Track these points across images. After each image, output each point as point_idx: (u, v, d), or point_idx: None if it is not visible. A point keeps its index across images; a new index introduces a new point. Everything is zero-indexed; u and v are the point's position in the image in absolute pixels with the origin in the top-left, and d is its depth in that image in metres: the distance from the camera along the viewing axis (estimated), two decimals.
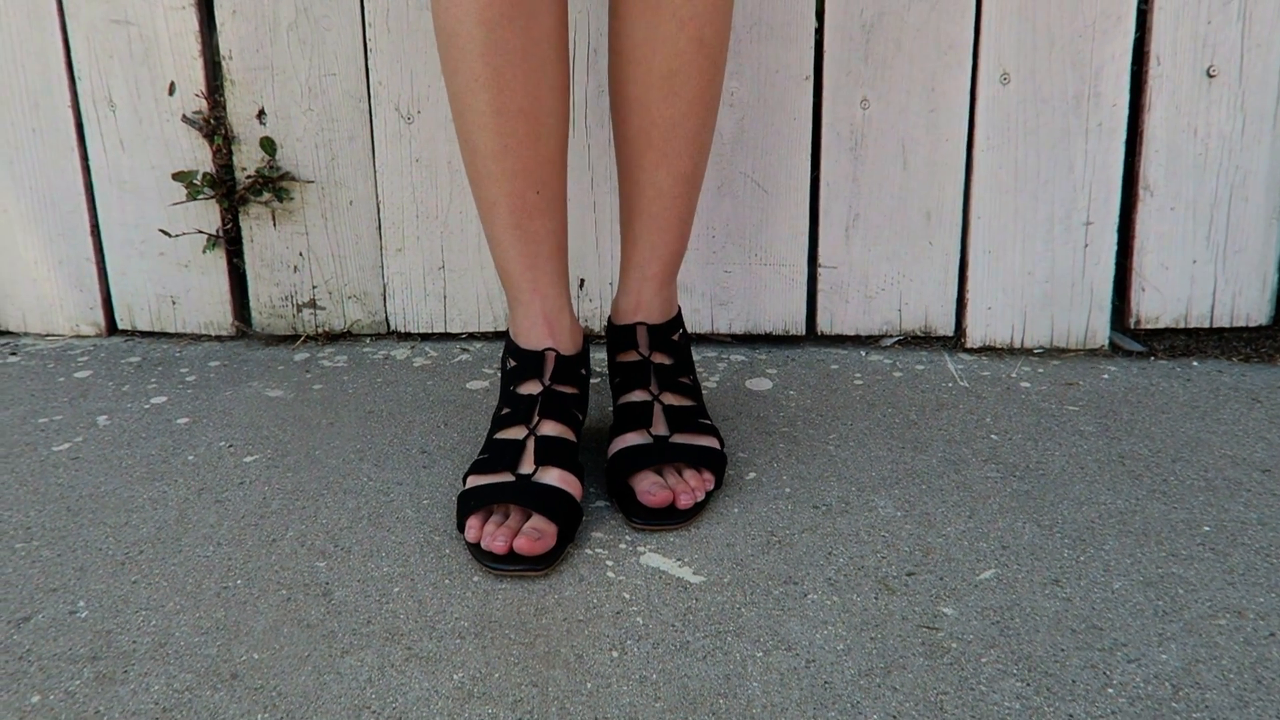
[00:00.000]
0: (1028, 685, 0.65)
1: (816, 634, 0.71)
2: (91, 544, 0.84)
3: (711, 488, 0.86)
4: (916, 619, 0.72)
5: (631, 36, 0.85)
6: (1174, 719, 0.62)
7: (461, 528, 0.81)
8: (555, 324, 0.89)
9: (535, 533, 0.77)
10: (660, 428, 0.88)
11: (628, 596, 0.75)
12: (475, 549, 0.79)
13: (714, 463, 0.87)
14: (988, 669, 0.67)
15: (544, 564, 0.77)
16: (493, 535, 0.77)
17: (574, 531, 0.81)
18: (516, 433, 0.85)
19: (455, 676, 0.67)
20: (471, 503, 0.81)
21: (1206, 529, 0.82)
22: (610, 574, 0.78)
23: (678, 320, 0.95)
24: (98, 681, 0.68)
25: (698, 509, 0.84)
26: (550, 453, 0.84)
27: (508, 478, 0.82)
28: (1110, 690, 0.65)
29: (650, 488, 0.83)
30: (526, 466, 0.83)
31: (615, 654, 0.69)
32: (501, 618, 0.73)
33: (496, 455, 0.84)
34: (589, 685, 0.66)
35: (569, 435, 0.86)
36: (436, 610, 0.74)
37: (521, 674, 0.67)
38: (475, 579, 0.78)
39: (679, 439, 0.88)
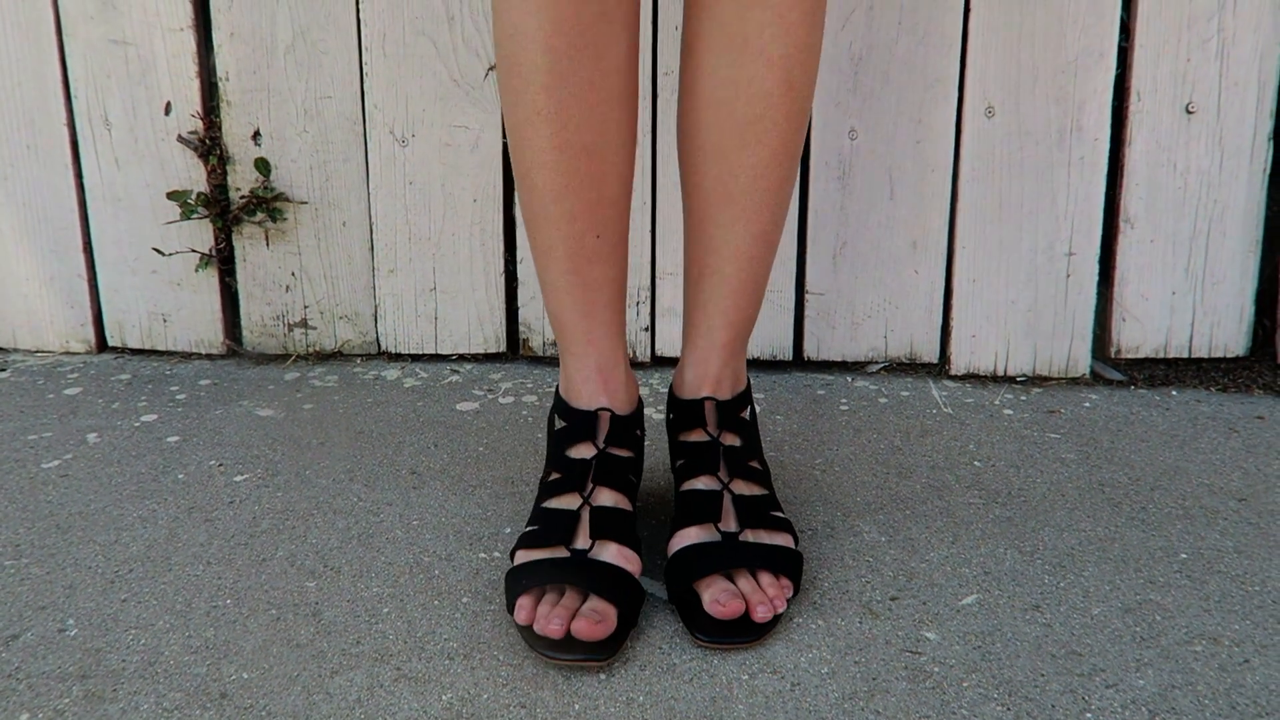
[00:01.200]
0: (1008, 710, 0.66)
1: (801, 657, 0.72)
2: (81, 562, 0.84)
3: (790, 595, 0.75)
4: (900, 643, 0.73)
5: (712, 77, 0.76)
6: None
7: (511, 608, 0.73)
8: (610, 379, 0.82)
9: (595, 615, 0.70)
10: (730, 523, 0.78)
11: None
12: (528, 633, 0.71)
13: (791, 566, 0.76)
14: (969, 693, 0.68)
15: (605, 652, 0.69)
16: (548, 618, 0.70)
17: (636, 614, 0.73)
18: (569, 501, 0.78)
19: (444, 697, 0.68)
20: (523, 581, 0.73)
21: (1184, 556, 0.84)
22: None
23: (747, 394, 0.86)
24: (87, 700, 0.68)
25: (775, 622, 0.73)
26: (607, 525, 0.76)
27: (562, 553, 0.75)
28: (1089, 715, 0.66)
29: (720, 596, 0.72)
30: (582, 541, 0.75)
31: (603, 676, 0.70)
32: (490, 639, 0.74)
33: (548, 527, 0.77)
34: (577, 706, 0.67)
35: (625, 504, 0.79)
36: (426, 631, 0.75)
37: (510, 695, 0.68)
38: (464, 600, 0.79)
39: (750, 536, 0.78)
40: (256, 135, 1.23)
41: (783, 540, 0.79)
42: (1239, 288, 1.18)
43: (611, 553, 0.75)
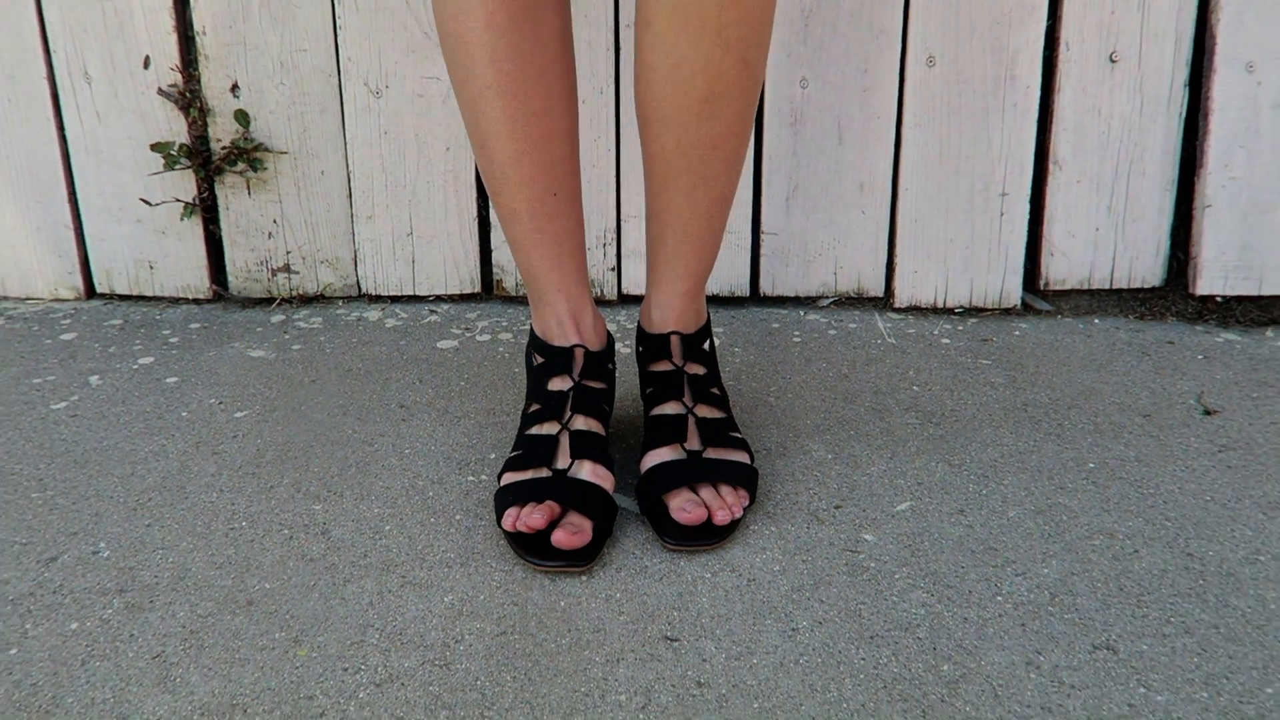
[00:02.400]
0: (932, 595, 0.78)
1: (756, 558, 0.82)
2: (103, 493, 0.92)
3: (746, 504, 0.85)
4: (842, 544, 0.84)
5: (670, 55, 0.78)
6: (1049, 619, 0.75)
7: (500, 521, 0.82)
8: (581, 321, 0.91)
9: (573, 527, 0.79)
10: (694, 442, 0.87)
11: None
12: (516, 541, 0.81)
13: (748, 479, 0.86)
14: (900, 583, 0.79)
15: (584, 559, 0.79)
16: (530, 512, 0.79)
17: (611, 526, 0.82)
18: (549, 428, 0.87)
19: (446, 599, 0.78)
20: (510, 497, 0.83)
21: (1091, 466, 0.95)
22: None
23: (707, 328, 0.94)
24: (128, 610, 0.77)
25: (733, 526, 0.83)
26: (584, 447, 0.85)
27: (544, 473, 0.84)
28: (999, 598, 0.77)
29: (686, 505, 0.82)
30: (562, 461, 0.84)
31: (584, 578, 0.80)
32: (483, 549, 0.84)
33: (531, 451, 0.85)
34: (562, 603, 0.77)
35: (600, 429, 0.88)
36: (425, 544, 0.84)
37: (503, 595, 0.78)
38: (458, 517, 0.88)
39: (712, 453, 0.87)
40: (235, 88, 1.28)
41: (740, 457, 0.88)
42: (1156, 224, 1.29)
43: (587, 471, 0.85)
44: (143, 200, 1.31)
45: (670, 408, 0.90)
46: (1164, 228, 1.29)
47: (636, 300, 1.34)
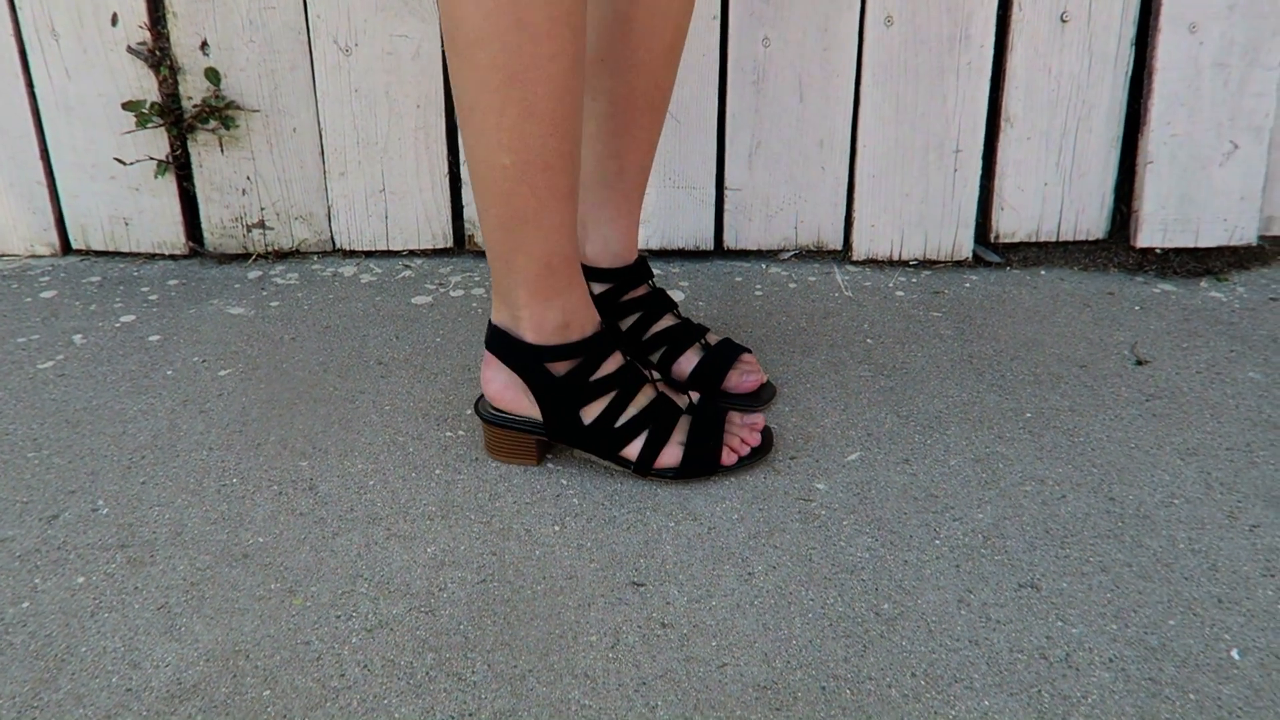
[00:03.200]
0: (876, 540, 0.85)
1: (716, 507, 0.89)
2: (97, 452, 0.97)
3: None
4: (795, 493, 0.91)
5: (650, 9, 0.91)
6: (981, 560, 0.82)
7: (720, 465, 0.92)
8: (587, 293, 0.92)
9: (756, 427, 0.95)
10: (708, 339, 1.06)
11: (565, 483, 0.92)
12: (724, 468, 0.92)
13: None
14: (847, 529, 0.86)
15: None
16: (738, 447, 0.93)
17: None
18: (646, 396, 0.92)
19: (429, 550, 0.84)
20: (707, 444, 0.91)
21: (1029, 415, 1.02)
22: (550, 465, 0.94)
23: None
24: (130, 565, 0.82)
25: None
26: (674, 384, 1.01)
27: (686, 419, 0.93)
28: (937, 542, 0.85)
29: (748, 373, 1.03)
30: (682, 401, 0.95)
31: (557, 528, 0.86)
32: (463, 502, 0.89)
33: (661, 423, 0.91)
34: (537, 552, 0.84)
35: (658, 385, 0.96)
36: (408, 498, 0.90)
37: (483, 546, 0.84)
38: (438, 471, 0.94)
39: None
40: (204, 45, 1.29)
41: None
42: (1101, 179, 1.35)
43: (691, 397, 0.98)
44: (117, 159, 1.32)
45: (669, 320, 1.05)
46: (1109, 183, 1.35)
47: None
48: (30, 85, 1.32)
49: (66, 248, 1.40)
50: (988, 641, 0.75)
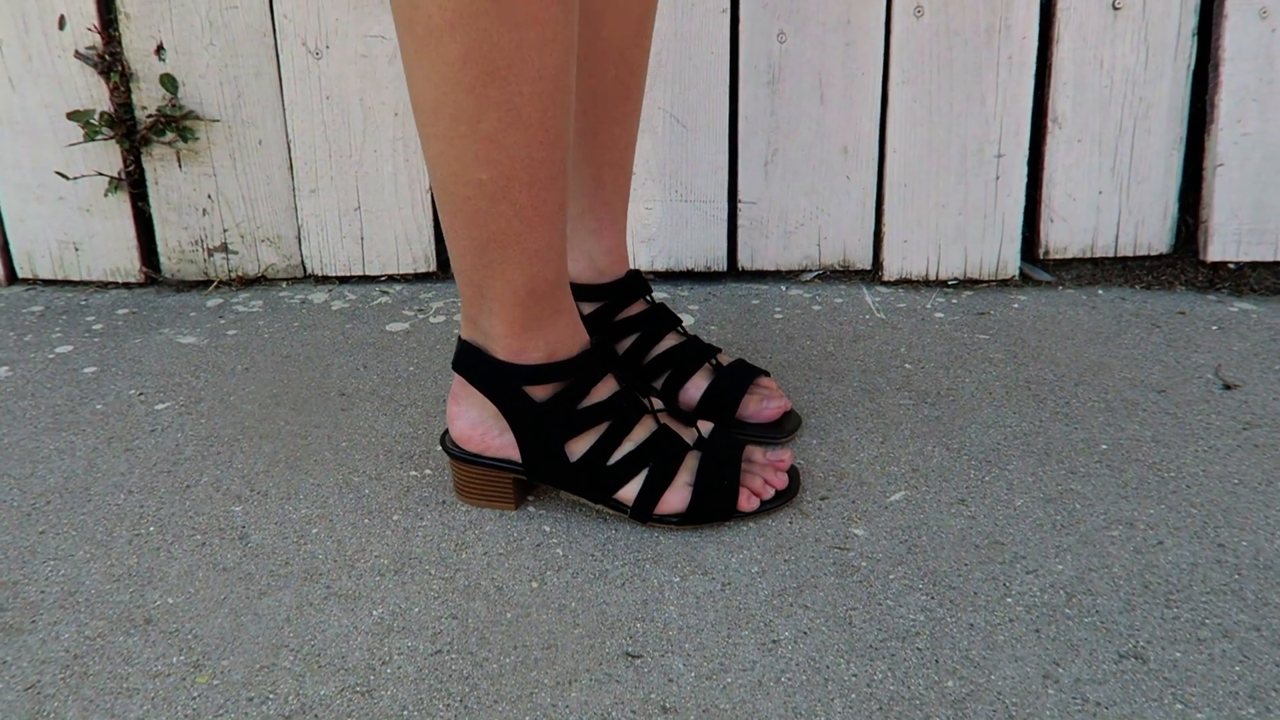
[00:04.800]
0: (932, 598, 0.68)
1: (732, 558, 0.72)
2: None
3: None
4: (829, 540, 0.74)
5: None
6: (1066, 624, 0.65)
7: (738, 508, 0.75)
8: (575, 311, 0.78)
9: (781, 465, 0.80)
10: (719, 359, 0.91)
11: (548, 529, 0.76)
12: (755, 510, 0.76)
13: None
14: (895, 584, 0.69)
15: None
16: (759, 489, 0.77)
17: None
18: (645, 429, 0.76)
19: (375, 612, 0.68)
20: (721, 486, 0.75)
21: (1104, 447, 0.86)
22: (531, 508, 0.78)
23: None
24: (4, 632, 0.66)
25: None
26: (680, 415, 0.84)
27: (695, 455, 0.77)
28: (1009, 600, 0.68)
29: (770, 401, 0.87)
30: (689, 437, 0.78)
31: (535, 584, 0.70)
32: (422, 554, 0.73)
33: (665, 458, 0.75)
34: (509, 615, 0.67)
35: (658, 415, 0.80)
36: (356, 549, 0.74)
37: (441, 607, 0.68)
38: (395, 518, 0.78)
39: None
40: (160, 49, 1.17)
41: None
42: (1163, 185, 1.19)
43: (701, 429, 0.81)
44: (59, 174, 1.20)
45: (672, 339, 0.90)
46: (1171, 190, 1.20)
47: None
48: None
49: (12, 277, 1.27)
50: None
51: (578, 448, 0.74)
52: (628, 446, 0.75)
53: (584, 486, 0.74)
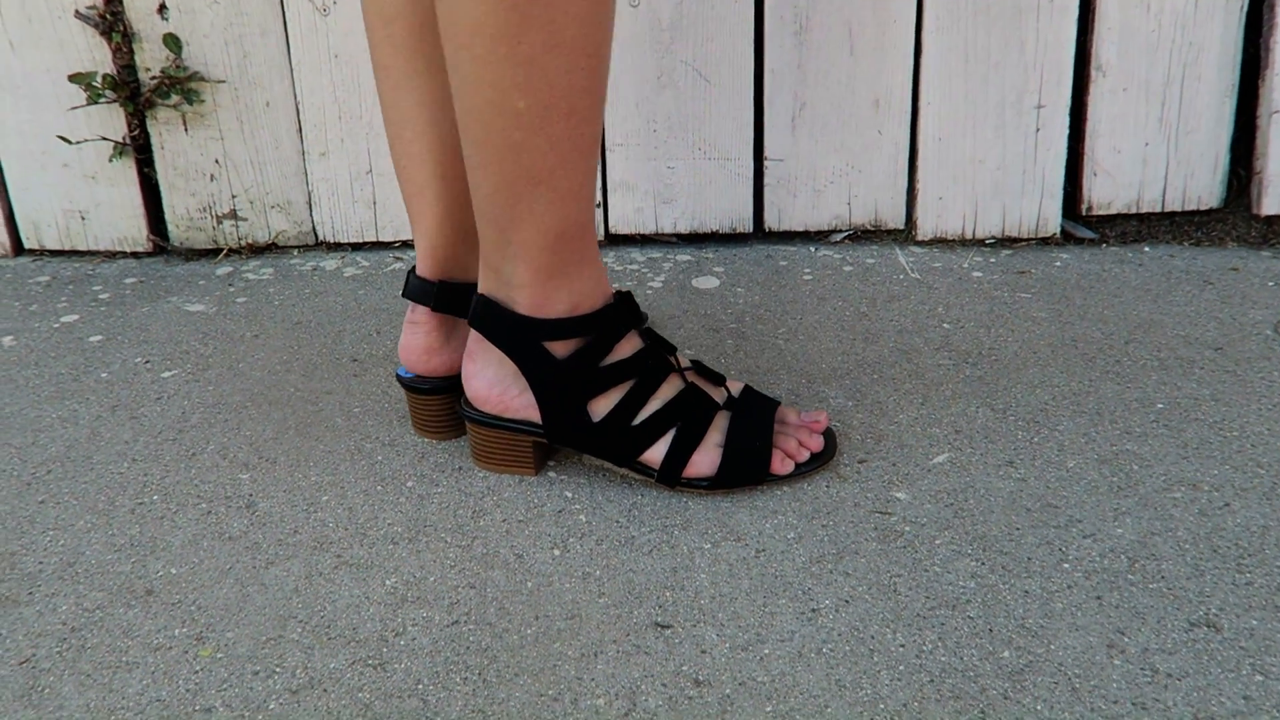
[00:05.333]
0: (982, 564, 0.63)
1: (766, 524, 0.68)
2: None
3: None
4: (869, 505, 0.70)
5: None
6: (1130, 591, 0.61)
7: (771, 470, 0.71)
8: None
9: (817, 426, 0.75)
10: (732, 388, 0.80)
11: (570, 495, 0.72)
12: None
13: None
14: (942, 550, 0.65)
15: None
16: (794, 451, 0.72)
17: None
18: (673, 387, 0.72)
19: (388, 582, 0.64)
20: (753, 449, 0.71)
21: (1160, 406, 0.81)
22: (552, 473, 0.74)
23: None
24: (0, 605, 0.63)
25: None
26: (708, 372, 0.75)
27: (726, 415, 0.73)
28: (1066, 565, 0.63)
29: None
30: (719, 396, 0.74)
31: (557, 552, 0.66)
32: (437, 521, 0.69)
33: (696, 416, 0.71)
34: (530, 584, 0.63)
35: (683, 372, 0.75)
36: (368, 517, 0.70)
37: (459, 576, 0.64)
38: (409, 484, 0.74)
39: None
40: (163, 8, 1.13)
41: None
42: (1214, 136, 1.13)
43: (731, 387, 0.75)
44: (61, 138, 1.16)
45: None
46: (1223, 140, 1.13)
47: (626, 240, 1.20)
48: None
49: (19, 248, 1.24)
50: (1160, 704, 0.53)
51: (601, 407, 0.70)
52: (654, 405, 0.70)
53: (608, 449, 0.70)
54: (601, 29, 0.61)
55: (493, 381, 0.71)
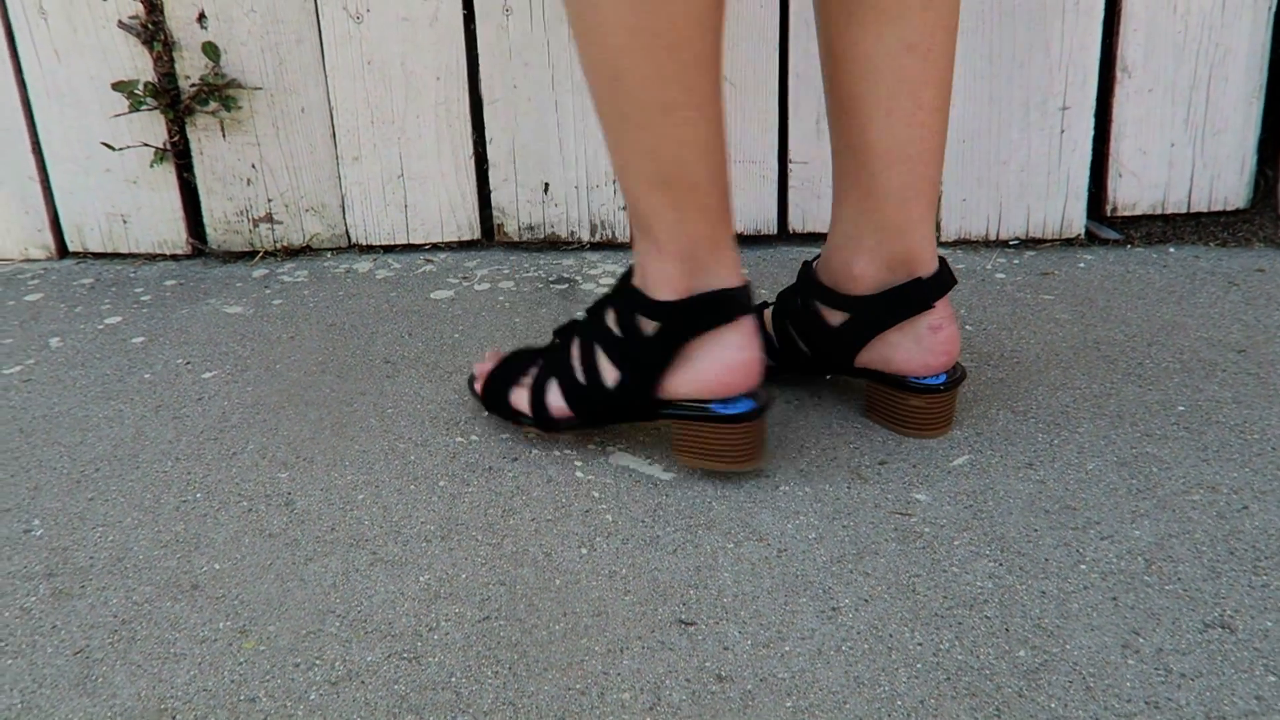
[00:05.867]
0: (1000, 565, 0.65)
1: (788, 524, 0.70)
2: (46, 463, 0.82)
3: None
4: (889, 506, 0.71)
5: None
6: (1146, 592, 0.62)
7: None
8: None
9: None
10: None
11: (596, 495, 0.74)
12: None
13: None
14: (960, 551, 0.66)
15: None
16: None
17: None
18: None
19: (422, 578, 0.66)
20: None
21: (1181, 409, 0.81)
22: (579, 474, 0.76)
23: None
24: (54, 597, 0.66)
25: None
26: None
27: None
28: (1083, 567, 0.64)
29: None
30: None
31: (584, 551, 0.68)
32: (469, 520, 0.72)
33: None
34: (558, 582, 0.65)
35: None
36: (402, 515, 0.73)
37: (489, 573, 0.66)
38: (441, 484, 0.76)
39: None
40: (202, 17, 1.16)
41: None
42: (1241, 137, 1.13)
43: None
44: (105, 144, 1.19)
45: None
46: (1249, 142, 1.13)
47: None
48: (19, 71, 1.20)
49: (64, 250, 1.28)
50: (1172, 703, 0.54)
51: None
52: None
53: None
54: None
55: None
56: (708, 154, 0.67)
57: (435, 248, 1.24)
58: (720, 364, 0.70)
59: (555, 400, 0.76)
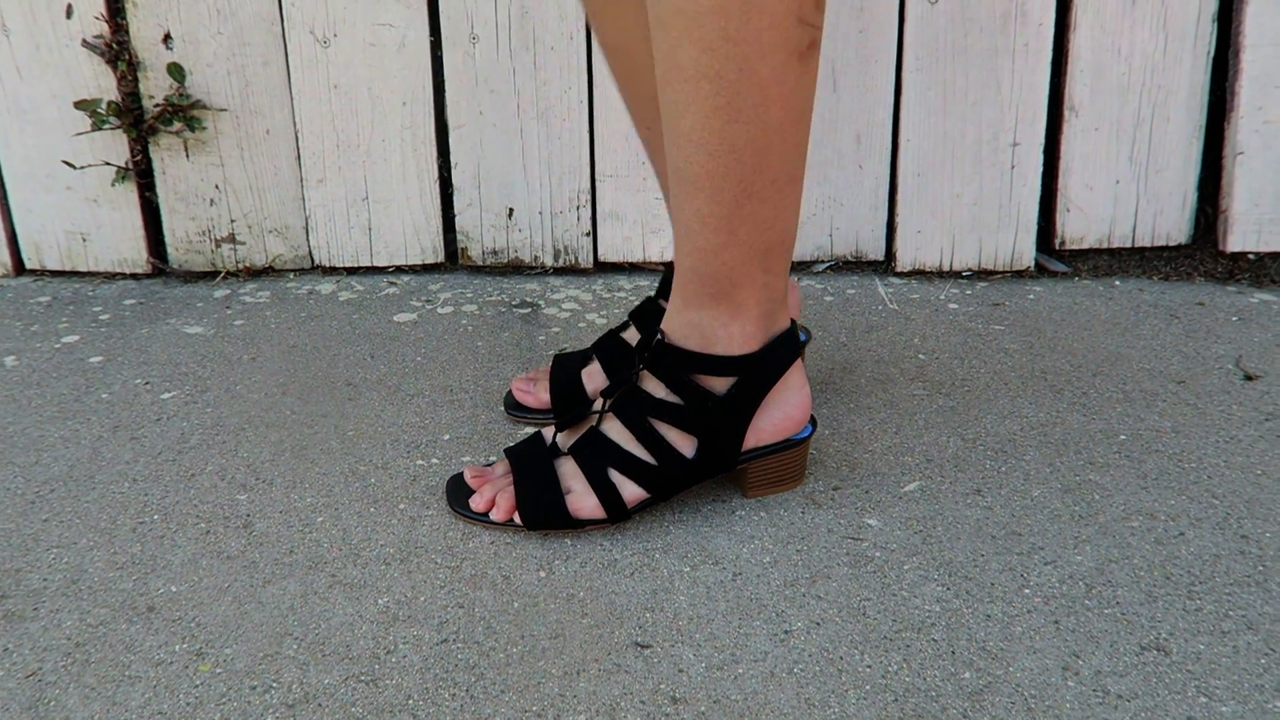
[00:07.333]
0: (947, 589, 0.67)
1: (743, 548, 0.71)
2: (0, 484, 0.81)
3: None
4: (842, 531, 0.73)
5: None
6: (1086, 615, 0.64)
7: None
8: None
9: None
10: None
11: None
12: None
13: None
14: (910, 575, 0.68)
15: None
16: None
17: None
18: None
19: (380, 601, 0.67)
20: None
21: (1123, 438, 0.84)
22: None
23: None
24: (6, 619, 0.66)
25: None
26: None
27: None
28: (1027, 591, 0.66)
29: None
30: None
31: (543, 574, 0.69)
32: (428, 543, 0.72)
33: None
34: (515, 605, 0.66)
35: None
36: (361, 538, 0.73)
37: (448, 596, 0.67)
38: (401, 506, 0.77)
39: None
40: (168, 38, 1.16)
41: None
42: (1182, 175, 1.17)
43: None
44: (66, 163, 1.19)
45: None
46: (1190, 179, 1.18)
47: (614, 268, 1.23)
48: None
49: (20, 268, 1.27)
50: None
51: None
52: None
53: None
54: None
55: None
56: (798, 215, 0.70)
57: (399, 270, 1.24)
58: (801, 396, 0.74)
59: (630, 491, 0.71)
